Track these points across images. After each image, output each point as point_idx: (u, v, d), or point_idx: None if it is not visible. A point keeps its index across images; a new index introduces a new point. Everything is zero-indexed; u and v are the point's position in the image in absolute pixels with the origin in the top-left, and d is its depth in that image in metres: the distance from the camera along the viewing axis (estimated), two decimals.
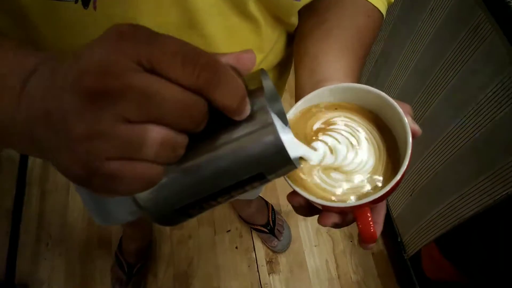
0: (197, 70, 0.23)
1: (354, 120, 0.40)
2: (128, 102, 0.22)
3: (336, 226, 0.38)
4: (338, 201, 0.36)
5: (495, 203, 0.88)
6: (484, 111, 0.87)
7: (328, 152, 0.38)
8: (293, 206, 0.39)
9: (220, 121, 0.26)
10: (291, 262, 1.44)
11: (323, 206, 0.36)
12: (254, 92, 0.27)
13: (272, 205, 1.50)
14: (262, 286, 1.40)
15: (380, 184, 0.36)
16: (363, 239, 0.35)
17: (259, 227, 1.45)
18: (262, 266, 1.44)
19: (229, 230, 1.51)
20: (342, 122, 0.40)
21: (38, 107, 0.25)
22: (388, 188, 0.34)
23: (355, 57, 0.46)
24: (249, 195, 1.24)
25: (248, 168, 0.28)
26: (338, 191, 0.36)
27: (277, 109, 0.36)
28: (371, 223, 0.34)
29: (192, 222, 1.52)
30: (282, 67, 0.63)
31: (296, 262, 1.44)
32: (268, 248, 1.46)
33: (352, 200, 0.35)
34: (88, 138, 0.23)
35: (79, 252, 1.48)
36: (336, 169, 0.37)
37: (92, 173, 0.24)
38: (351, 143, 0.38)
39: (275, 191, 1.58)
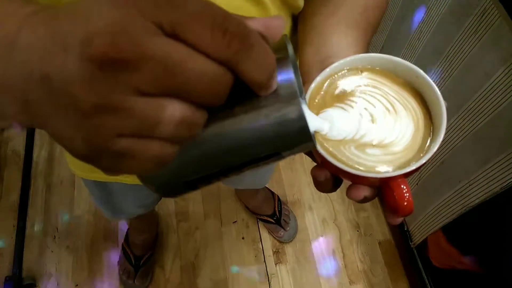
0: (227, 38, 0.20)
1: (384, 84, 0.38)
2: (145, 72, 0.19)
3: (364, 200, 0.36)
4: (374, 172, 0.34)
5: (502, 190, 0.88)
6: (491, 98, 0.86)
7: (362, 122, 0.36)
8: (316, 180, 0.37)
9: (241, 92, 0.24)
10: (297, 252, 1.45)
11: (357, 177, 0.34)
12: (279, 62, 0.25)
13: (278, 196, 1.51)
14: (269, 276, 1.40)
15: (415, 154, 0.35)
16: (400, 212, 0.34)
17: (265, 218, 1.45)
18: (268, 256, 1.44)
19: (236, 221, 1.51)
20: (371, 84, 0.38)
21: (34, 68, 0.21)
22: (425, 159, 0.33)
23: (363, 35, 0.45)
24: (257, 184, 1.24)
25: (266, 146, 0.26)
26: (370, 163, 0.35)
27: (297, 80, 0.35)
28: (406, 194, 0.33)
29: (198, 214, 1.53)
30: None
31: (302, 252, 1.44)
32: (275, 238, 1.46)
33: (388, 171, 0.34)
34: (98, 112, 0.20)
35: (86, 245, 1.49)
36: (374, 145, 0.35)
37: (101, 151, 0.21)
38: (387, 109, 0.37)
39: (281, 181, 1.58)
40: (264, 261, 1.43)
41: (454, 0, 0.94)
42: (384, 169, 0.35)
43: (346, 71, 0.39)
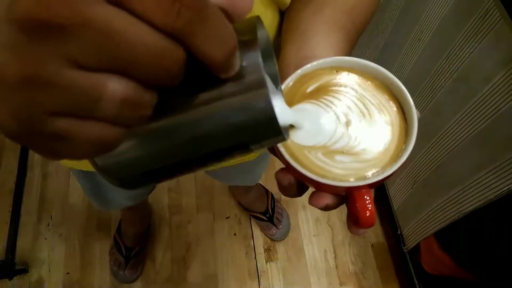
0: (177, 7, 0.18)
1: (361, 86, 0.36)
2: (83, 41, 0.17)
3: (326, 208, 0.35)
4: (338, 180, 0.33)
5: (496, 198, 0.86)
6: (489, 103, 0.84)
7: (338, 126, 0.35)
8: (280, 184, 0.35)
9: (199, 76, 0.22)
10: (289, 250, 1.43)
11: (319, 184, 0.32)
12: (245, 44, 0.23)
13: (272, 193, 1.49)
14: (259, 273, 1.39)
15: (383, 165, 0.33)
16: (361, 223, 0.32)
17: (258, 215, 1.44)
18: (259, 253, 1.43)
19: (228, 217, 1.50)
20: (347, 85, 0.36)
21: None
22: (391, 170, 0.32)
23: (346, 36, 0.43)
24: (248, 181, 1.23)
25: (229, 136, 0.24)
26: (337, 171, 0.33)
27: (270, 68, 0.32)
28: (369, 206, 0.32)
29: (191, 207, 1.52)
30: (277, 52, 0.61)
31: (294, 251, 1.43)
32: (267, 236, 1.45)
33: (353, 180, 0.33)
34: (26, 86, 0.17)
35: (79, 234, 1.49)
36: (345, 152, 0.34)
37: (31, 131, 0.18)
38: (362, 113, 0.35)
39: None
40: (255, 258, 1.42)
41: (456, 0, 0.91)
42: (350, 178, 0.33)
43: (320, 71, 0.37)
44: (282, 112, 0.32)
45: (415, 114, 0.33)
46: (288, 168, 0.34)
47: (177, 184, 1.56)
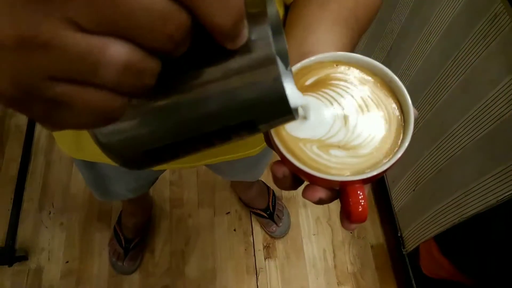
0: None
1: (360, 81, 0.36)
2: (83, 2, 0.16)
3: (320, 201, 0.34)
4: (332, 174, 0.32)
5: (498, 203, 0.85)
6: (495, 107, 0.83)
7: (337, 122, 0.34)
8: (275, 176, 0.35)
9: (207, 48, 0.21)
10: (288, 248, 1.43)
11: (314, 178, 0.32)
12: (254, 17, 0.21)
13: (273, 190, 1.49)
14: (257, 270, 1.39)
15: (378, 161, 0.33)
16: (352, 218, 0.32)
17: (258, 211, 1.44)
18: (258, 250, 1.43)
19: (229, 212, 1.50)
20: (346, 79, 0.36)
21: None
22: (385, 167, 0.32)
23: (349, 32, 0.43)
24: (250, 176, 1.23)
25: (237, 113, 0.23)
26: (331, 165, 0.33)
27: (280, 45, 0.30)
28: (362, 202, 0.32)
29: (193, 201, 1.52)
30: None
31: (293, 249, 1.43)
32: (266, 233, 1.45)
33: (347, 174, 0.33)
34: (24, 46, 0.16)
35: (79, 223, 1.50)
36: (340, 146, 0.33)
37: (30, 96, 0.18)
38: (360, 108, 0.34)
39: None
40: (254, 254, 1.42)
41: (465, 3, 0.90)
42: (344, 172, 0.33)
43: (320, 65, 0.37)
44: (292, 91, 0.31)
45: (412, 113, 0.33)
46: (283, 160, 0.34)
47: (179, 177, 1.56)
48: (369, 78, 0.36)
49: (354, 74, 0.36)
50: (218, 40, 0.20)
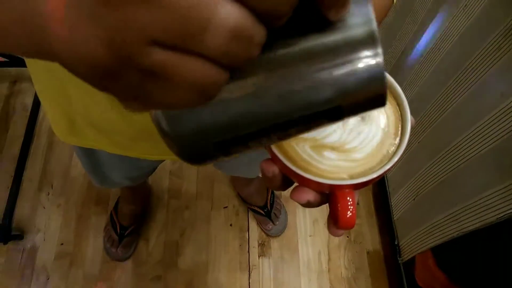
0: None
1: None
2: None
3: (308, 204, 0.33)
4: (322, 177, 0.31)
5: (497, 221, 0.83)
6: (503, 121, 0.81)
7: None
8: (264, 175, 0.33)
9: (300, 20, 0.18)
10: (283, 248, 1.42)
11: (303, 179, 0.31)
12: None
13: None
14: (250, 267, 1.38)
15: (371, 167, 0.32)
16: (340, 224, 0.31)
17: (256, 208, 1.43)
18: (253, 247, 1.42)
19: (226, 207, 1.49)
20: None
21: None
22: (376, 174, 0.31)
23: None
24: (250, 172, 1.21)
25: (328, 96, 0.20)
26: (322, 167, 0.32)
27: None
28: (351, 207, 0.31)
29: (191, 193, 1.51)
30: None
31: (288, 249, 1.42)
32: (262, 230, 1.44)
33: (336, 179, 0.32)
34: (129, 1, 0.14)
35: (77, 206, 1.50)
36: (334, 148, 0.32)
37: (125, 65, 0.16)
38: None
39: None
40: (248, 251, 1.41)
41: (480, 12, 0.87)
42: (335, 176, 0.32)
43: None
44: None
45: (409, 122, 0.32)
46: (273, 159, 0.32)
47: (179, 168, 1.55)
48: None
49: None
50: (321, 7, 0.18)
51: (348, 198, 0.31)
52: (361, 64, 0.20)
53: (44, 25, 0.17)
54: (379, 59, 0.20)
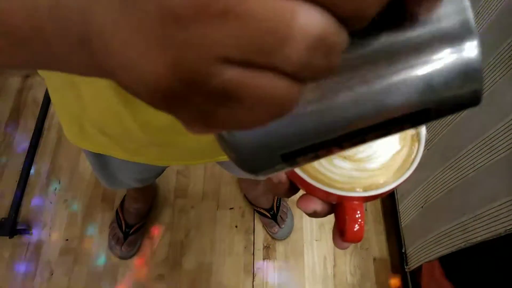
0: None
1: None
2: None
3: (314, 214, 0.31)
4: (332, 186, 0.30)
5: (506, 232, 0.81)
6: None
7: None
8: (270, 181, 0.32)
9: (383, 18, 0.16)
10: (288, 251, 1.40)
11: (311, 187, 0.30)
12: None
13: None
14: (255, 270, 1.37)
15: (384, 180, 0.31)
16: (347, 237, 0.30)
17: (262, 211, 1.41)
18: (258, 250, 1.41)
19: (232, 208, 1.48)
20: None
21: None
22: (388, 188, 0.30)
23: None
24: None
25: (418, 98, 0.18)
26: (332, 176, 0.31)
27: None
28: (359, 220, 0.29)
29: (197, 193, 1.51)
30: None
31: (293, 253, 1.40)
32: (268, 233, 1.42)
33: (345, 189, 0.30)
34: (199, 18, 0.13)
35: (83, 203, 1.50)
36: (346, 157, 0.31)
37: (191, 85, 0.14)
38: None
39: None
40: (253, 253, 1.40)
41: (492, 21, 0.85)
42: (345, 186, 0.30)
43: None
44: None
45: (424, 132, 0.31)
46: None
47: (186, 168, 1.55)
48: None
49: None
50: (409, 3, 0.16)
51: (357, 211, 0.30)
52: (457, 59, 0.17)
53: (103, 45, 0.15)
54: (477, 51, 0.17)
